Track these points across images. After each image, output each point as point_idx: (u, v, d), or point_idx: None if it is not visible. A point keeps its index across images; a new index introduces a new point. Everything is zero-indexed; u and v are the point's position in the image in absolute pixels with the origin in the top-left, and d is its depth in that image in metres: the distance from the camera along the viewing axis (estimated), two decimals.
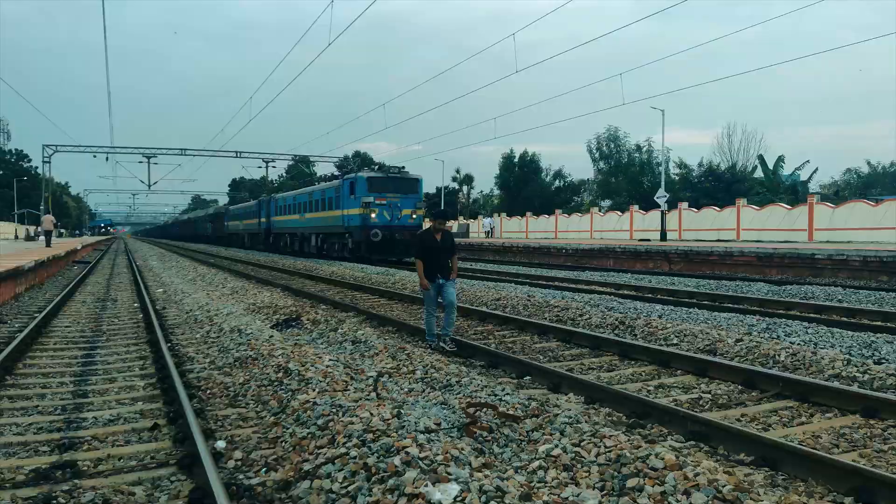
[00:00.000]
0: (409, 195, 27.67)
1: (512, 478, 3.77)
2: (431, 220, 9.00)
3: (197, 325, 10.75)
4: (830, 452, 4.71)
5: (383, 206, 26.70)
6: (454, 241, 9.46)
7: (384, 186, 27.14)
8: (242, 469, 4.49)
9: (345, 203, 28.29)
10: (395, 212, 26.91)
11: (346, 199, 28.10)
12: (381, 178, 27.45)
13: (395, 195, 27.20)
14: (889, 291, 15.28)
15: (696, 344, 8.58)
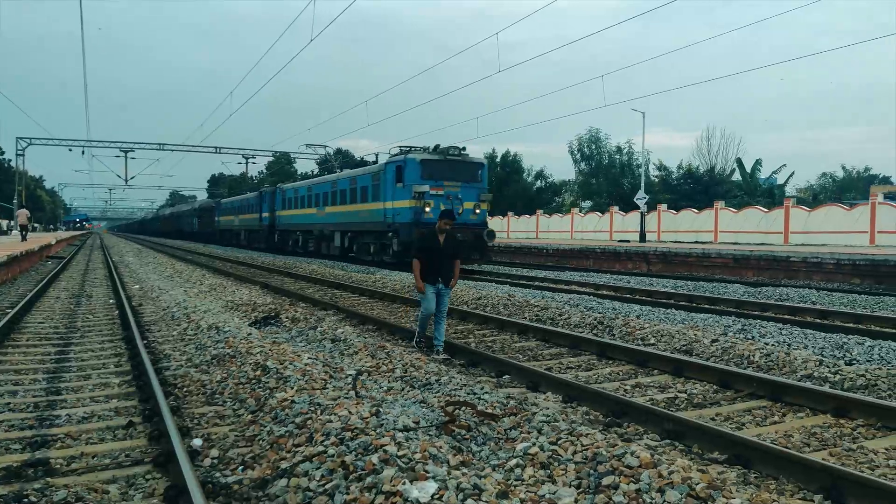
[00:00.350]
0: (471, 184, 22.16)
1: (490, 476, 3.79)
2: (438, 219, 8.60)
3: (174, 322, 10.65)
4: (802, 451, 4.79)
5: (440, 198, 21.15)
6: (459, 245, 8.80)
7: (441, 172, 21.63)
8: (219, 467, 4.46)
9: (388, 193, 22.63)
10: (455, 205, 21.15)
11: (390, 188, 22.41)
12: (438, 162, 21.79)
13: (454, 184, 21.66)
14: (861, 294, 15.56)
15: (673, 344, 8.67)
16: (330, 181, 28.93)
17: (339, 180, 27.82)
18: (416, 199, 21.26)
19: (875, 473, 4.41)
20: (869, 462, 4.64)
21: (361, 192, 25.18)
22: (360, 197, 25.23)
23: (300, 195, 32.39)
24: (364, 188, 24.94)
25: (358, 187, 25.53)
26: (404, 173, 21.73)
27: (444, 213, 8.62)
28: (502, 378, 7.19)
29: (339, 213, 27.27)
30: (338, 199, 27.55)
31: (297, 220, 32.77)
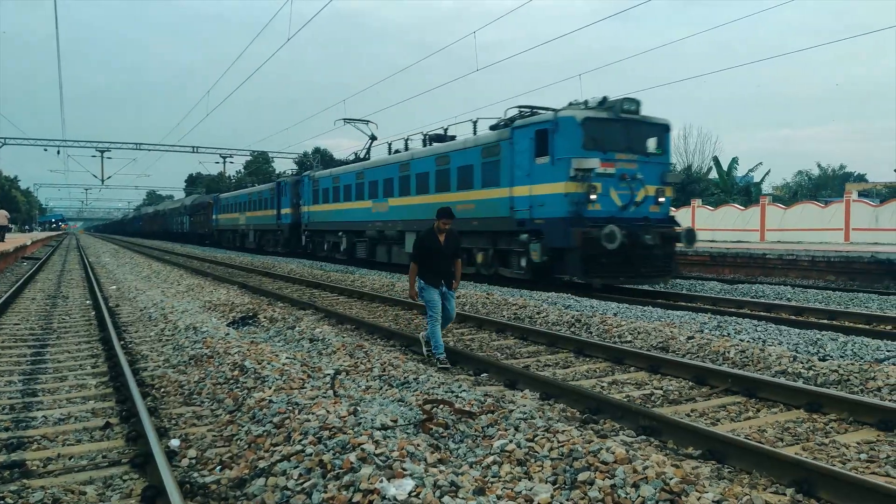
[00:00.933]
0: (651, 158, 14.88)
1: (467, 473, 3.82)
2: (436, 218, 7.89)
3: (151, 322, 10.56)
4: (775, 446, 4.88)
5: (610, 181, 14.15)
6: (459, 244, 8.26)
7: (612, 139, 14.39)
8: (197, 467, 4.44)
9: (518, 173, 15.21)
10: (635, 188, 14.34)
11: (524, 166, 15.02)
12: (607, 123, 14.41)
13: (629, 157, 14.47)
14: (835, 290, 15.81)
15: (650, 341, 8.77)
16: (397, 163, 21.25)
17: (413, 161, 20.18)
18: (576, 180, 13.75)
19: (846, 467, 4.50)
20: (840, 456, 4.74)
21: (461, 176, 17.59)
22: (459, 182, 17.66)
23: (344, 184, 25.09)
24: (466, 169, 17.39)
25: (453, 168, 17.96)
26: (554, 141, 14.13)
27: (442, 211, 8.00)
28: (480, 376, 7.23)
29: (415, 208, 19.71)
30: (412, 186, 20.07)
31: (340, 217, 25.34)
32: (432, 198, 18.95)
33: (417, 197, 19.92)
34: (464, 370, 7.58)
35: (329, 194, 26.82)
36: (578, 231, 13.54)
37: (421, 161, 19.86)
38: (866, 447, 4.87)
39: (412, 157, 20.54)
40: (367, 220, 23.07)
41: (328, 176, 27.11)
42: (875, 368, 6.61)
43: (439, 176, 18.77)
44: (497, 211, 16.10)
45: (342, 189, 25.44)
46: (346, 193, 25.10)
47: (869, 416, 5.44)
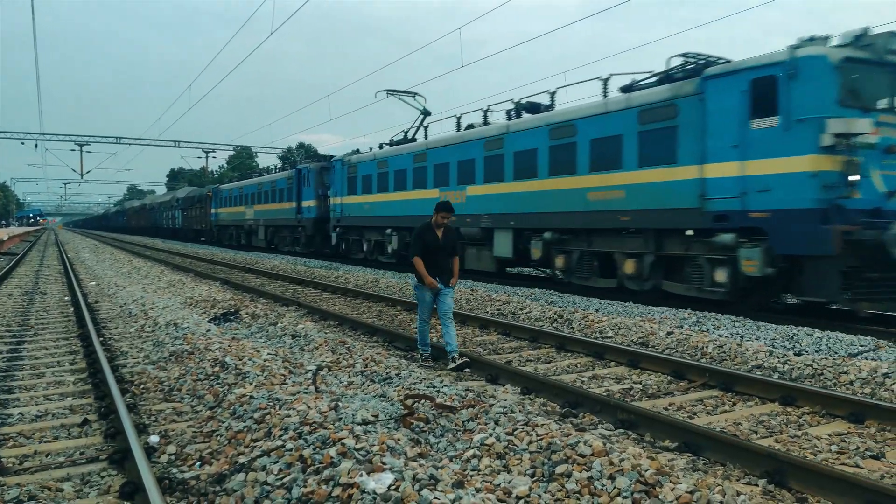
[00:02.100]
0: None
1: (446, 466, 3.85)
2: (435, 211, 7.63)
3: (131, 319, 10.49)
4: (749, 438, 4.97)
5: (874, 154, 9.70)
6: (457, 239, 7.99)
7: (876, 93, 10.11)
8: (176, 463, 4.44)
9: (729, 142, 10.66)
10: None
11: (735, 133, 10.58)
12: (872, 67, 9.91)
13: None
14: None
15: (630, 336, 8.85)
16: (482, 139, 16.50)
17: (510, 135, 15.48)
18: (832, 152, 9.43)
19: (817, 458, 4.60)
20: (812, 447, 4.83)
21: (597, 152, 13.17)
22: (594, 161, 13.22)
23: (395, 170, 20.48)
24: (607, 142, 12.92)
25: (581, 142, 13.48)
26: (791, 93, 9.82)
27: (441, 204, 7.57)
28: (463, 371, 7.27)
29: (513, 197, 15.40)
30: (507, 168, 15.59)
31: (388, 211, 20.76)
32: (544, 184, 14.38)
33: (518, 183, 15.23)
34: (446, 366, 7.61)
35: (372, 182, 21.81)
36: (837, 230, 9.26)
37: (523, 135, 15.10)
38: (837, 439, 4.98)
39: (507, 131, 15.69)
40: None
41: (370, 160, 22.02)
42: (847, 363, 6.73)
43: (556, 153, 14.08)
44: (669, 200, 11.63)
45: (392, 175, 20.63)
46: (398, 181, 20.33)
47: (840, 409, 5.55)
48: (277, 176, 31.61)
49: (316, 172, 26.83)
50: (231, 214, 38.57)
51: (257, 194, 33.58)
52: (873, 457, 4.63)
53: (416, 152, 19.71)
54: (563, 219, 14.06)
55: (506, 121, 16.62)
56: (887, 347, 8.11)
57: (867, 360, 6.92)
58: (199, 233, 46.13)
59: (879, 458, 4.61)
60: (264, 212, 32.53)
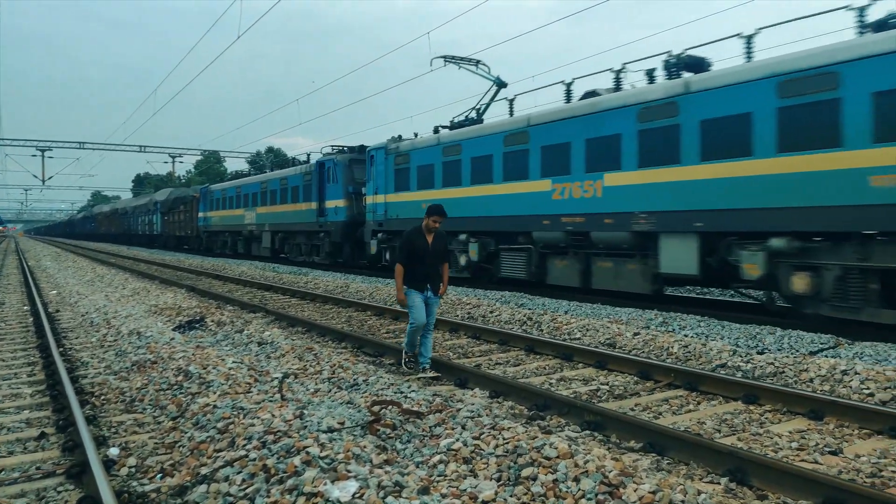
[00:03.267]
0: None
1: (413, 473, 3.83)
2: (426, 215, 7.33)
3: (93, 328, 10.27)
4: (713, 437, 5.03)
5: None
6: (447, 245, 7.74)
7: None
8: (136, 476, 4.35)
9: None
10: None
11: None
12: None
13: None
14: None
15: (598, 338, 8.92)
16: (632, 107, 12.12)
17: (689, 98, 11.12)
18: None
19: (778, 455, 4.67)
20: (773, 445, 4.91)
21: None
22: None
23: (474, 157, 15.97)
24: None
25: (853, 99, 8.97)
26: None
27: (434, 208, 7.31)
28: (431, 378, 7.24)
29: (690, 187, 11.09)
30: (684, 148, 11.17)
31: (463, 210, 16.11)
32: (766, 165, 10.01)
33: (707, 167, 10.72)
34: (415, 371, 7.59)
35: (435, 174, 17.23)
36: None
37: (721, 95, 10.56)
38: (797, 436, 5.07)
39: (687, 91, 11.08)
40: (541, 213, 13.90)
41: (432, 145, 17.44)
42: (808, 361, 6.87)
43: (795, 118, 9.61)
44: None
45: (468, 165, 16.05)
46: (479, 171, 15.75)
47: (801, 406, 5.66)
48: (289, 172, 26.78)
49: (344, 166, 22.00)
50: (225, 219, 33.46)
51: (261, 195, 28.76)
52: (832, 452, 4.73)
53: (510, 132, 14.79)
54: (812, 217, 9.42)
55: (661, 81, 12.23)
56: (846, 345, 8.30)
57: (827, 358, 7.07)
58: (183, 240, 41.77)
59: (838, 454, 4.70)
60: (271, 215, 27.74)
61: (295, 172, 26.07)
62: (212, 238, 36.33)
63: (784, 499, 3.92)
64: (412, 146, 18.50)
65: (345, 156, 22.63)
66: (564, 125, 13.55)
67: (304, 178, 24.87)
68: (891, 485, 4.16)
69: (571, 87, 14.62)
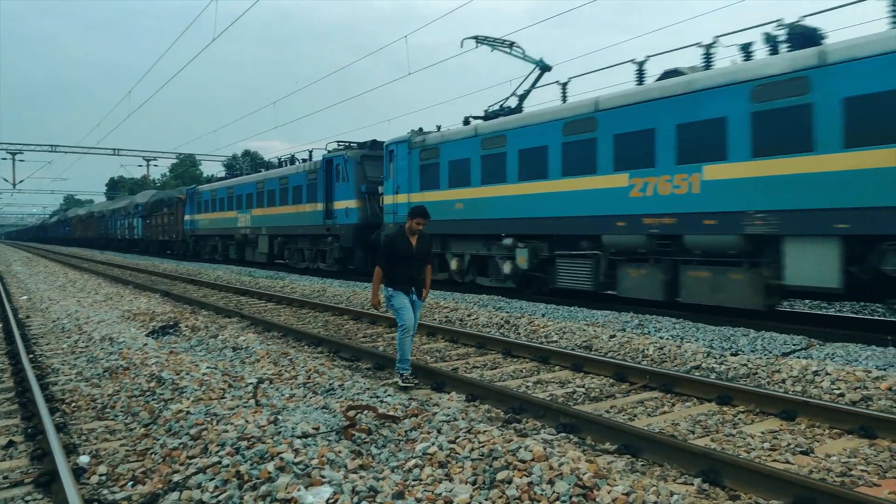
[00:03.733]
0: None
1: (387, 477, 3.82)
2: (409, 217, 7.14)
3: (64, 334, 10.10)
4: (686, 438, 5.08)
5: None
6: (431, 247, 7.50)
7: None
8: (107, 484, 4.28)
9: None
10: None
11: None
12: None
13: None
14: None
15: (574, 340, 8.97)
16: (746, 81, 10.07)
17: (831, 67, 9.09)
18: None
19: (750, 455, 4.73)
20: (746, 445, 4.97)
21: None
22: None
23: (523, 149, 13.90)
24: None
25: None
26: None
27: (417, 209, 7.10)
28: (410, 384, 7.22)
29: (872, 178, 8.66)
30: (830, 128, 9.07)
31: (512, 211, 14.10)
32: None
33: (848, 154, 8.89)
34: (392, 375, 7.56)
35: (471, 169, 15.09)
36: None
37: (864, 69, 8.79)
38: (770, 436, 5.13)
39: (822, 62, 9.24)
40: (613, 212, 11.93)
41: (467, 136, 15.29)
42: (780, 362, 6.96)
43: None
44: None
45: (513, 158, 13.95)
46: (527, 165, 13.69)
47: (773, 406, 5.73)
48: (289, 171, 24.47)
49: (356, 163, 20.08)
50: (215, 221, 31.08)
51: (257, 195, 26.55)
52: (803, 452, 4.79)
53: (571, 119, 12.71)
54: None
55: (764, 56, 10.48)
56: (818, 346, 8.43)
57: (799, 359, 7.18)
58: (167, 245, 39.45)
59: (809, 454, 4.77)
60: (268, 217, 25.55)
61: (297, 171, 23.68)
62: (200, 242, 33.89)
63: (756, 499, 3.97)
64: (442, 139, 16.31)
65: (356, 152, 20.62)
66: (646, 109, 11.43)
67: (307, 176, 22.63)
68: (860, 483, 4.23)
69: (644, 66, 12.56)
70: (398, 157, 17.74)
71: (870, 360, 7.57)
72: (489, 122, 15.31)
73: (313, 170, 22.36)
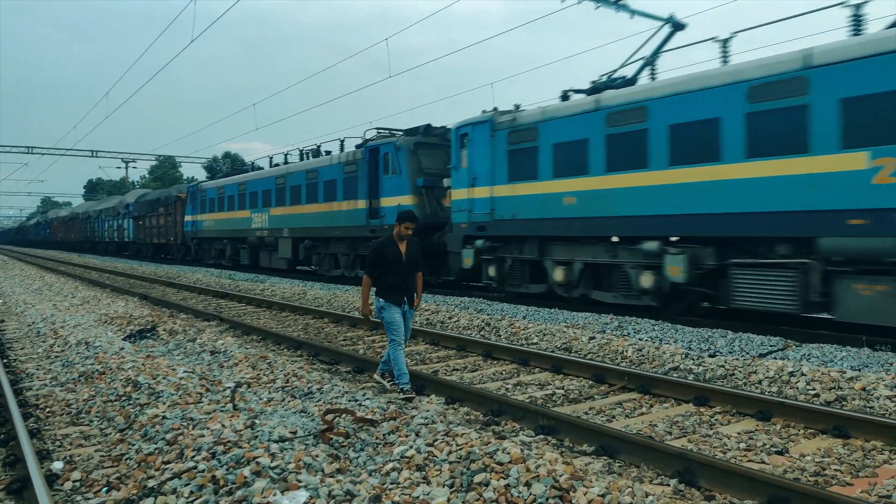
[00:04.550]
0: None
1: (365, 481, 3.81)
2: (397, 223, 6.85)
3: (39, 338, 9.96)
4: (664, 439, 5.12)
5: None
6: (421, 253, 7.09)
7: None
8: (81, 490, 4.23)
9: None
10: None
11: None
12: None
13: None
14: None
15: (555, 342, 9.00)
16: None
17: None
18: None
19: (726, 456, 4.77)
20: (722, 446, 5.02)
21: None
22: None
23: (676, 124, 10.67)
24: None
25: None
26: None
27: (405, 214, 6.80)
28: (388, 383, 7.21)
29: None
30: None
31: (659, 206, 10.93)
32: None
33: None
34: (371, 378, 7.54)
35: (589, 155, 12.01)
36: None
37: None
38: (745, 436, 5.19)
39: None
40: (841, 206, 8.83)
41: (587, 112, 12.15)
42: (757, 363, 7.04)
43: None
44: None
45: (663, 137, 10.88)
46: (687, 145, 10.53)
47: (749, 407, 5.79)
48: (319, 162, 20.85)
49: (409, 152, 16.94)
50: (223, 222, 27.24)
51: (276, 192, 22.96)
52: (778, 452, 4.85)
53: (762, 81, 9.61)
54: None
55: None
56: (794, 347, 8.53)
57: (775, 360, 7.26)
58: (162, 248, 36.37)
59: (784, 454, 4.83)
60: (292, 217, 21.91)
61: (330, 163, 20.10)
62: (203, 246, 30.06)
63: (730, 498, 4.00)
64: (542, 116, 13.01)
65: (408, 139, 17.27)
66: None
67: (344, 169, 19.17)
68: (833, 483, 4.29)
69: None
70: (475, 141, 14.52)
71: (845, 360, 7.68)
72: (622, 91, 11.93)
73: (352, 161, 18.81)
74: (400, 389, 6.57)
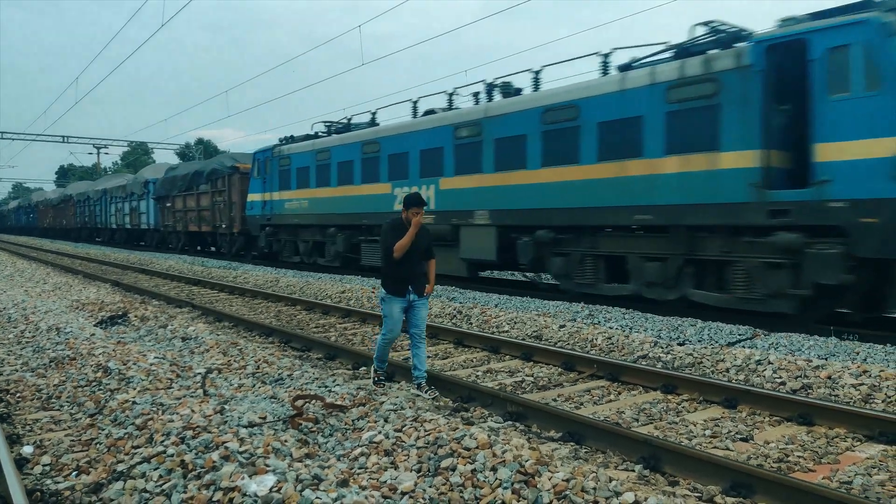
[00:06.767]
0: None
1: (333, 466, 3.85)
2: (403, 208, 6.34)
3: (10, 324, 9.82)
4: (630, 426, 5.22)
5: None
6: (431, 239, 6.72)
7: None
8: (50, 474, 4.21)
9: None
10: None
11: None
12: None
13: None
14: None
15: (525, 330, 9.09)
16: None
17: None
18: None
19: (692, 443, 4.88)
20: (688, 433, 5.13)
21: None
22: None
23: None
24: None
25: None
26: None
27: (412, 198, 6.22)
28: (359, 370, 7.25)
29: None
30: None
31: None
32: None
33: None
34: (343, 364, 7.58)
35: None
36: None
37: None
38: (711, 424, 5.31)
39: None
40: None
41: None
42: (725, 351, 7.18)
43: None
44: None
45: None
46: None
47: (716, 395, 5.92)
48: (586, 89, 11.57)
49: None
50: (326, 203, 18.31)
51: (456, 151, 14.06)
52: (743, 439, 4.97)
53: None
54: None
55: None
56: (763, 335, 8.69)
57: (743, 349, 7.40)
58: (203, 238, 27.72)
59: (748, 441, 4.95)
60: (499, 192, 13.07)
61: (631, 85, 10.80)
62: (283, 235, 20.91)
63: (694, 484, 4.10)
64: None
65: None
66: None
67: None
68: (796, 469, 4.41)
69: None
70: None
71: (812, 349, 7.83)
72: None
73: (702, 77, 9.70)
74: (374, 372, 6.59)
